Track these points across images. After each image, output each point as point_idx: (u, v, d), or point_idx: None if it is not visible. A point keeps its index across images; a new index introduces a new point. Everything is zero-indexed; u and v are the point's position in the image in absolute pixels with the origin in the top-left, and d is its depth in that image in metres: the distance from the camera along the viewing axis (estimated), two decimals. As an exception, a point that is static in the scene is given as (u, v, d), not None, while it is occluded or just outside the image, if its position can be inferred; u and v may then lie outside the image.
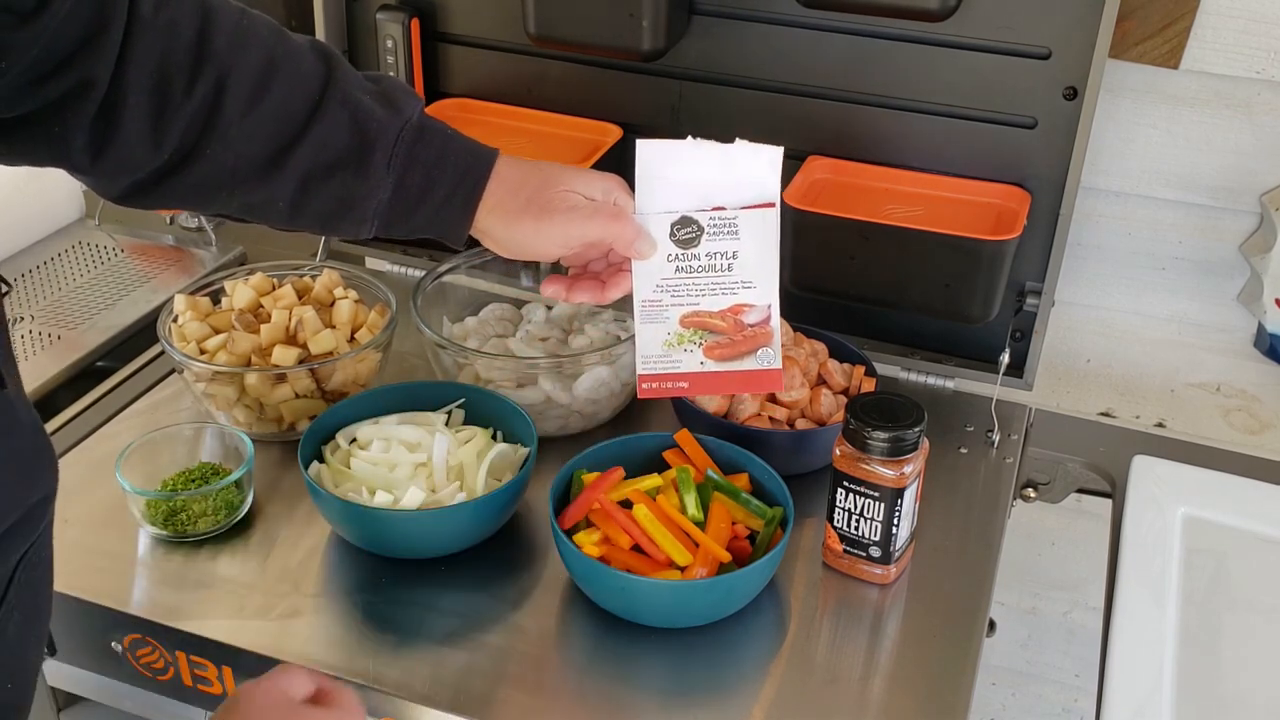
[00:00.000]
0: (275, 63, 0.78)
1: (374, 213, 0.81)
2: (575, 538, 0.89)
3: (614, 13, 1.09)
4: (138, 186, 0.78)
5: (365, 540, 0.95)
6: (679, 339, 0.83)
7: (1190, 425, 1.28)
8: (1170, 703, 0.85)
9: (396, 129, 0.80)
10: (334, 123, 0.79)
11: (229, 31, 0.77)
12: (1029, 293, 1.15)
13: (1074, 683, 1.50)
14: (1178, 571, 0.96)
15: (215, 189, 0.80)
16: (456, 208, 0.81)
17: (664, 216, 0.82)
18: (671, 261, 0.83)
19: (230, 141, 0.77)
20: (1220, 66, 1.09)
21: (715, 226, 0.82)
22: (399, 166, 0.80)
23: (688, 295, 0.83)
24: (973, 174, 1.14)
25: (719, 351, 0.83)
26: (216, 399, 1.07)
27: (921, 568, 0.97)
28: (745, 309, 0.83)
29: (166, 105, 0.75)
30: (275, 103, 0.78)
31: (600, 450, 0.97)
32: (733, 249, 0.82)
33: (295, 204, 0.80)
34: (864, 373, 1.10)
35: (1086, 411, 1.30)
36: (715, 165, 0.82)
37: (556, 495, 0.93)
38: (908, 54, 1.11)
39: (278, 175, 0.79)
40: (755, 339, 0.83)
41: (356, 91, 0.80)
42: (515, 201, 0.81)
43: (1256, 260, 1.14)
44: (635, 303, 0.83)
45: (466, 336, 1.16)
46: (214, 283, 1.17)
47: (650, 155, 0.82)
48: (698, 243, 0.82)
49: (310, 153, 0.79)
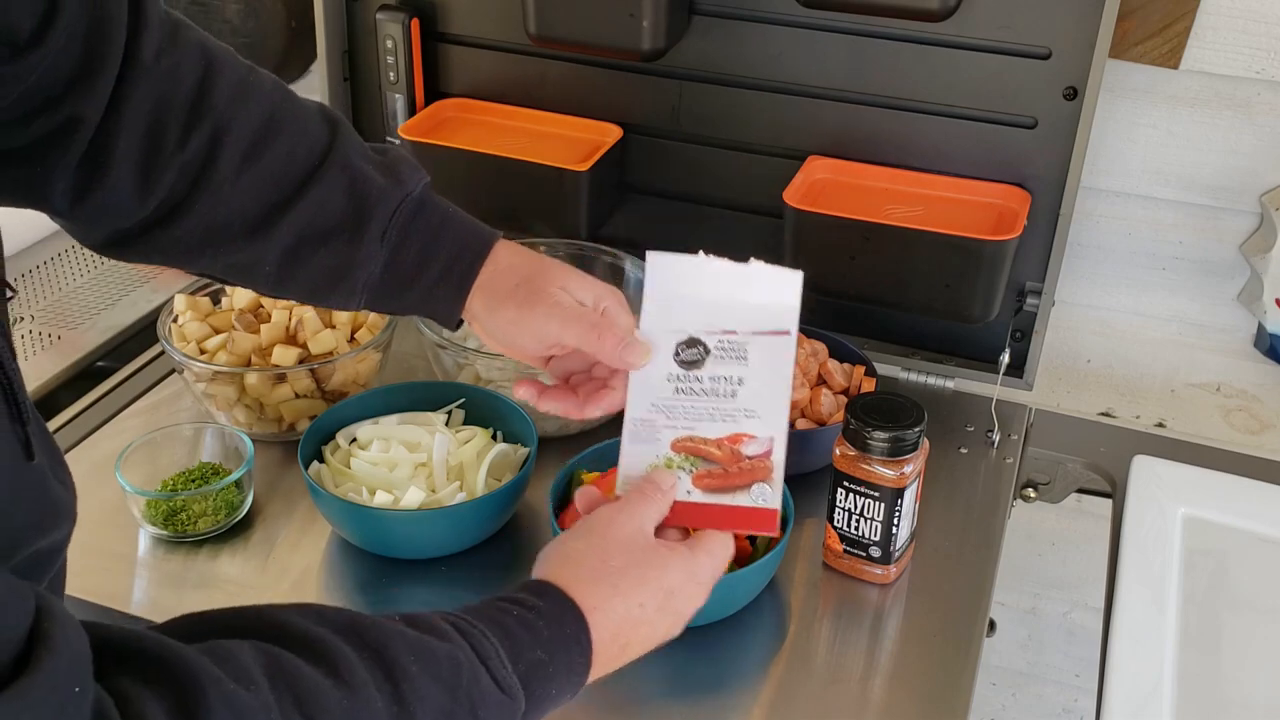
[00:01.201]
0: (277, 121, 0.75)
1: (364, 285, 0.78)
2: None
3: (614, 13, 1.09)
4: (120, 236, 0.75)
5: (365, 540, 0.95)
6: (667, 463, 0.75)
7: (1190, 425, 1.28)
8: (1170, 703, 0.85)
9: (396, 200, 0.77)
10: (332, 187, 0.76)
11: (232, 84, 0.74)
12: (1029, 293, 1.15)
13: (1074, 683, 1.50)
14: (1178, 571, 0.96)
15: (201, 246, 0.76)
16: (451, 287, 0.78)
17: (670, 335, 0.77)
18: (671, 382, 0.77)
19: (222, 198, 0.74)
20: (1220, 66, 1.09)
21: (723, 350, 0.77)
22: (394, 239, 0.77)
23: (684, 418, 0.76)
24: (973, 174, 1.14)
25: (709, 482, 0.75)
26: (217, 399, 1.07)
27: (922, 568, 0.97)
28: (746, 439, 0.76)
29: (158, 154, 0.72)
30: (272, 161, 0.75)
31: (600, 450, 0.97)
32: (739, 374, 0.77)
33: (283, 268, 0.77)
34: (864, 373, 1.09)
35: (1086, 411, 1.30)
36: (729, 285, 0.77)
37: (556, 495, 0.93)
38: (908, 54, 1.11)
39: (268, 237, 0.75)
40: (752, 473, 0.75)
41: (358, 159, 0.77)
42: (504, 285, 0.78)
43: (1256, 260, 1.14)
44: (626, 419, 0.77)
45: (466, 337, 1.16)
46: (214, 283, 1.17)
47: (660, 269, 0.77)
48: (702, 365, 0.77)
49: (304, 216, 0.75)
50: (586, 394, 0.79)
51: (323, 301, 0.79)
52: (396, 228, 0.77)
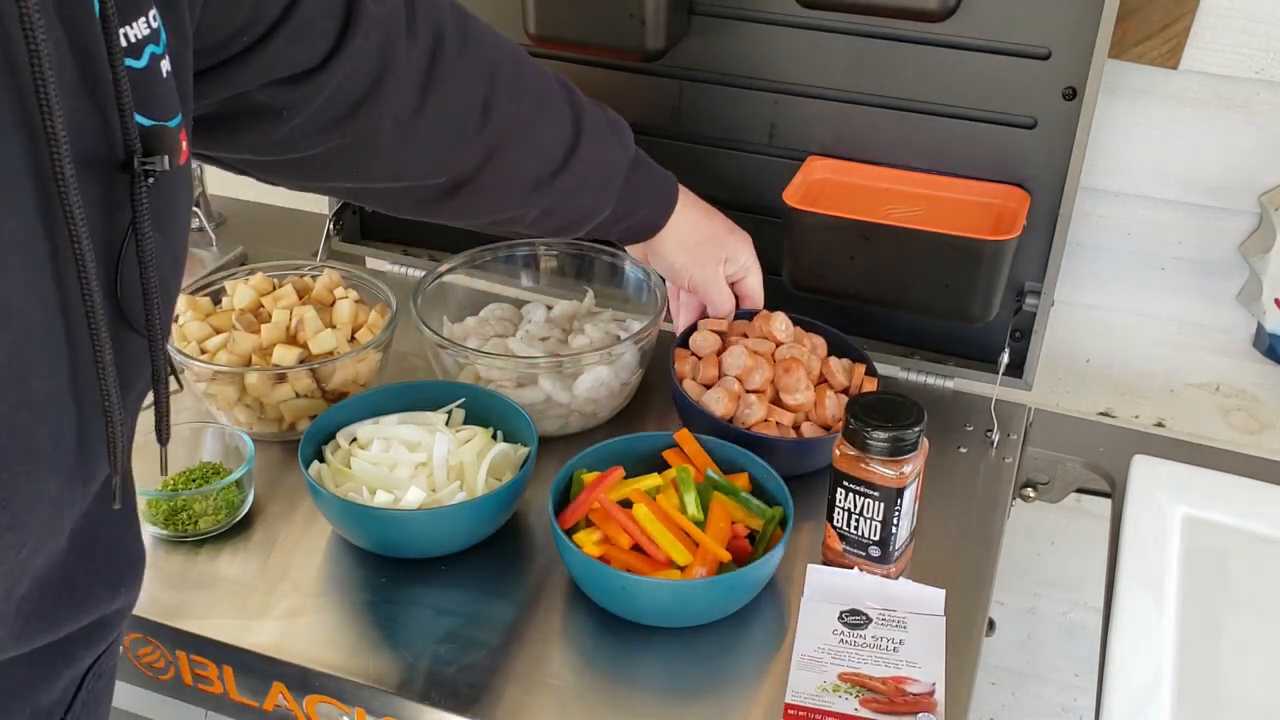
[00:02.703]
0: (542, 104, 0.92)
1: (593, 224, 1.00)
2: (575, 537, 0.90)
3: (614, 13, 1.09)
4: (415, 204, 0.93)
5: (365, 540, 0.96)
6: (834, 688, 0.84)
7: (1190, 425, 1.28)
8: (1169, 702, 0.85)
9: (626, 164, 0.99)
10: (586, 161, 0.95)
11: (510, 75, 0.89)
12: (1028, 293, 1.15)
13: (1073, 682, 1.50)
14: (1177, 571, 0.97)
15: (479, 211, 0.94)
16: (646, 230, 1.04)
17: (833, 606, 0.91)
18: (836, 635, 0.88)
19: (503, 175, 0.91)
20: (1220, 67, 1.09)
21: (884, 619, 0.90)
22: (618, 194, 0.98)
23: (849, 661, 0.86)
24: (972, 174, 1.14)
25: (876, 705, 0.82)
26: (217, 399, 1.07)
27: (921, 567, 0.97)
28: (908, 680, 0.85)
29: (460, 141, 0.87)
30: (541, 143, 0.92)
31: (600, 450, 0.97)
32: (900, 637, 0.88)
33: (537, 220, 0.97)
34: (864, 371, 1.10)
35: (1086, 411, 1.30)
36: (881, 587, 0.92)
37: (556, 495, 0.93)
38: (907, 54, 1.11)
39: (533, 200, 0.94)
40: (917, 704, 0.82)
41: (599, 128, 0.96)
42: (688, 241, 1.05)
43: (1256, 260, 1.14)
44: (795, 653, 0.87)
45: (466, 336, 1.16)
46: (215, 283, 1.17)
47: (820, 576, 0.93)
48: (865, 628, 0.89)
49: (564, 184, 0.94)
50: None
51: (555, 235, 1.04)
52: (623, 185, 0.99)
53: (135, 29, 0.54)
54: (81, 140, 0.51)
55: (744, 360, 1.05)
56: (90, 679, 0.63)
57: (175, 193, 0.59)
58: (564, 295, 1.23)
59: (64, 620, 0.59)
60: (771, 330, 1.08)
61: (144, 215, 0.54)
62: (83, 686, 0.63)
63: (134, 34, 0.54)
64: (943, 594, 0.92)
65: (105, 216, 0.53)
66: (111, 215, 0.54)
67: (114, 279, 0.55)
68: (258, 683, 0.89)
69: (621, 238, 1.06)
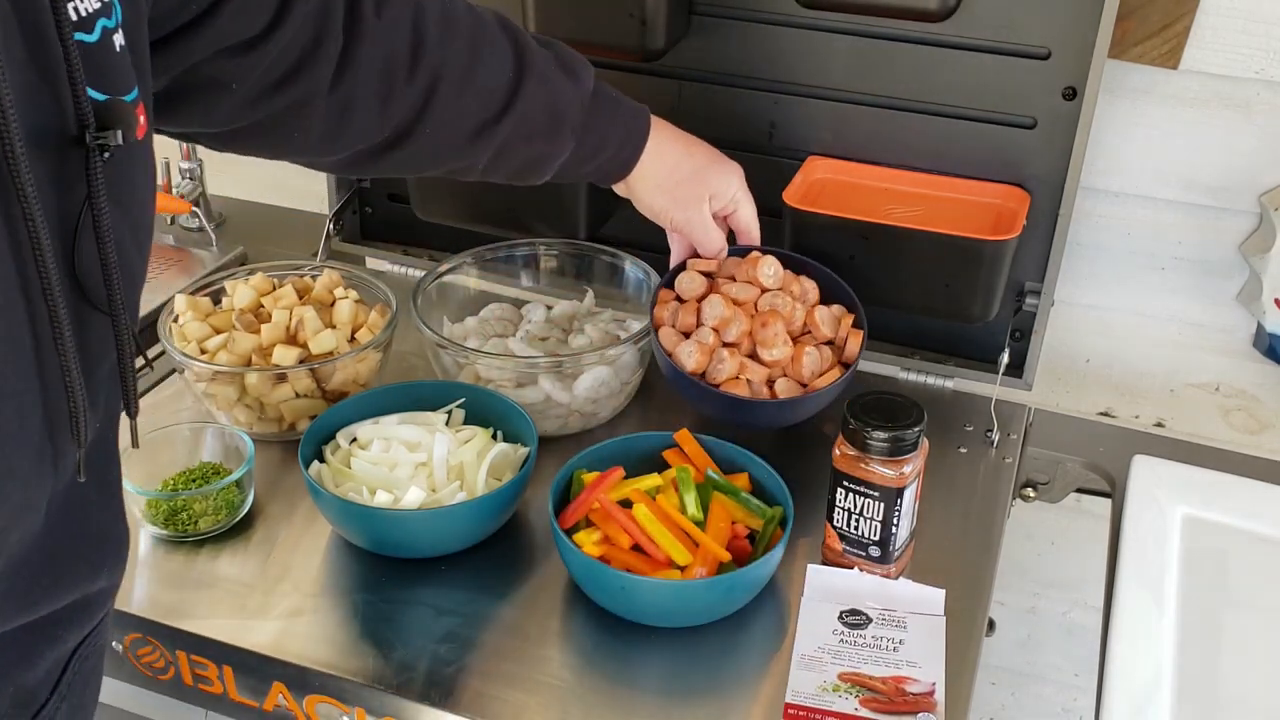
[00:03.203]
0: (476, 47, 0.88)
1: (555, 168, 0.96)
2: (575, 537, 0.90)
3: (614, 13, 1.09)
4: (358, 159, 0.89)
5: (365, 540, 0.96)
6: (834, 688, 0.84)
7: (1190, 425, 1.28)
8: (1169, 702, 0.85)
9: (581, 100, 0.93)
10: (531, 99, 0.90)
11: (437, 22, 0.86)
12: (1028, 292, 1.15)
13: (1073, 682, 1.51)
14: (1177, 571, 0.97)
15: (425, 160, 0.91)
16: (618, 169, 0.99)
17: (833, 606, 0.91)
18: (836, 635, 0.88)
19: (444, 121, 0.88)
20: (1219, 67, 1.09)
21: (884, 619, 0.90)
22: (579, 131, 0.94)
23: (849, 661, 0.86)
24: (972, 174, 1.14)
25: (876, 704, 0.83)
26: (217, 399, 1.07)
27: (921, 567, 0.97)
28: (909, 680, 0.85)
29: (390, 98, 0.85)
30: (482, 85, 0.88)
31: (600, 450, 0.97)
32: (900, 637, 0.88)
33: (490, 166, 0.94)
34: (852, 323, 1.05)
35: (1086, 411, 1.30)
36: (881, 587, 0.93)
37: (556, 494, 0.93)
38: (907, 54, 1.11)
39: (481, 145, 0.91)
40: (917, 704, 0.83)
41: (545, 66, 0.92)
42: (665, 178, 1.00)
43: (1256, 260, 1.15)
44: (795, 653, 0.87)
45: (466, 336, 1.16)
46: (215, 283, 1.17)
47: (820, 576, 0.94)
48: (865, 628, 0.89)
49: (510, 126, 0.90)
50: None
51: (518, 181, 0.98)
52: (581, 123, 0.94)
53: (85, 2, 0.54)
54: (32, 115, 0.50)
55: (721, 310, 1.02)
56: (76, 660, 0.63)
57: (134, 167, 0.58)
58: (564, 295, 1.23)
59: (44, 599, 0.58)
60: (757, 275, 1.05)
61: (99, 190, 0.54)
62: (68, 668, 0.62)
63: (84, 7, 0.54)
64: (943, 594, 0.92)
65: (60, 192, 0.53)
66: (66, 191, 0.53)
67: (71, 256, 0.54)
68: (258, 683, 0.89)
69: (595, 178, 1.01)
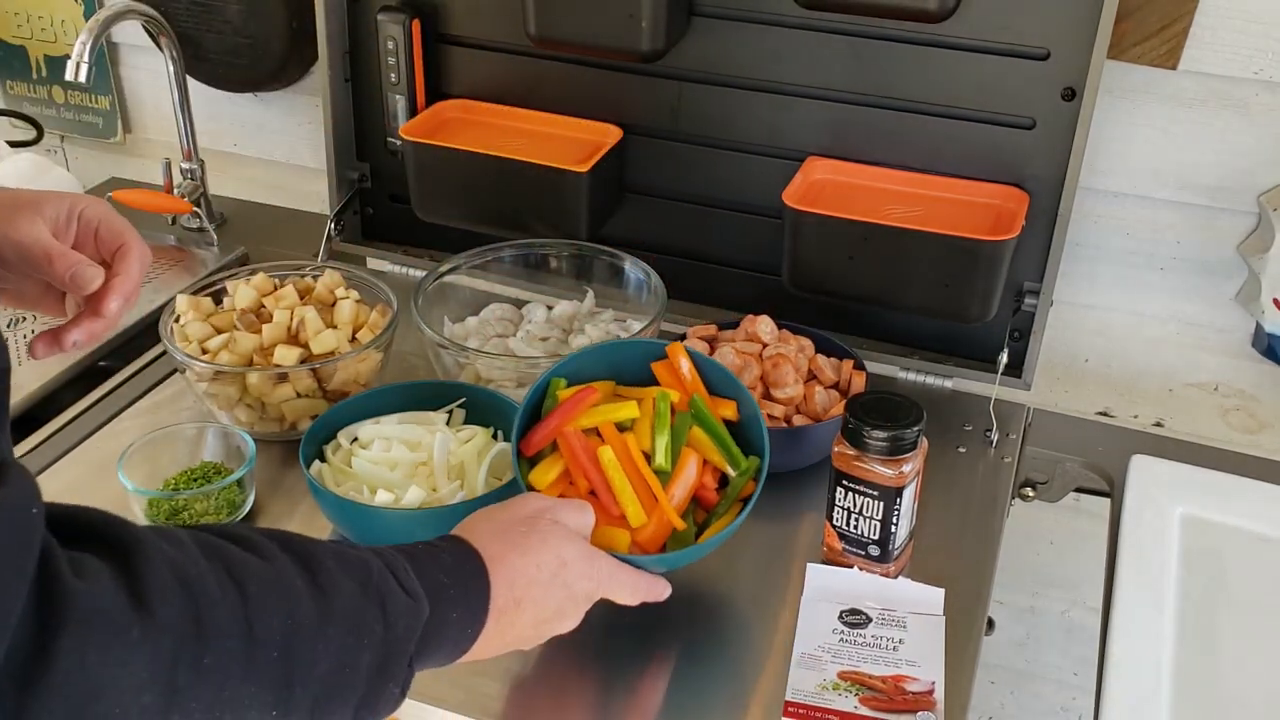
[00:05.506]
0: None
1: None
2: (533, 473, 0.86)
3: (614, 13, 1.10)
4: None
5: (366, 539, 0.95)
6: (834, 687, 0.85)
7: (1188, 425, 1.28)
8: (1168, 702, 0.85)
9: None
10: None
11: None
12: (1027, 292, 1.15)
13: (1072, 681, 1.51)
14: (1176, 571, 0.97)
15: None
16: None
17: (833, 605, 0.91)
18: (836, 634, 0.89)
19: None
20: (1218, 67, 1.09)
21: (883, 619, 0.90)
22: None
23: (849, 660, 0.87)
24: (971, 174, 1.14)
25: (875, 703, 0.83)
26: (218, 399, 1.07)
27: (920, 566, 0.97)
28: (908, 679, 0.85)
29: None
30: None
31: (583, 356, 0.92)
32: (899, 636, 0.89)
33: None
34: (853, 366, 1.10)
35: (1085, 411, 1.31)
36: (881, 586, 0.93)
37: (527, 412, 0.88)
38: (906, 54, 1.11)
39: None
40: (916, 703, 0.83)
41: None
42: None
43: (1254, 260, 1.15)
44: (794, 652, 0.87)
45: (467, 336, 1.17)
46: (216, 283, 1.17)
47: (819, 575, 0.94)
48: (865, 627, 0.90)
49: None
50: None
51: None
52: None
53: None
54: None
55: (733, 359, 1.07)
56: None
57: None
58: (564, 295, 1.23)
59: None
60: (757, 332, 1.10)
61: None
62: None
63: None
64: (942, 593, 0.93)
65: None
66: None
67: None
68: (259, 681, 0.89)
69: None
